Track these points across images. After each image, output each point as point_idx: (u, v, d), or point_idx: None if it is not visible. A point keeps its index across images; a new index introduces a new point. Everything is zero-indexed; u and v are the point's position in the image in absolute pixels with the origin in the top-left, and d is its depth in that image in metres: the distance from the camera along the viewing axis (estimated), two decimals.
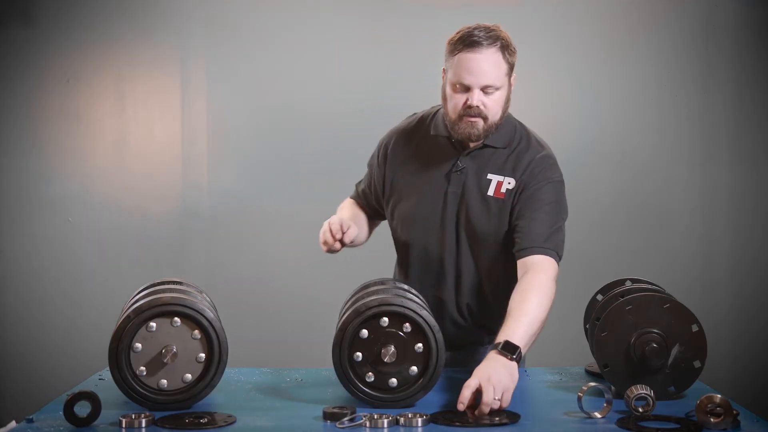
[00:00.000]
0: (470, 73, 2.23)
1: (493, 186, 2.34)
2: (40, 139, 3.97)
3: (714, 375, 2.82)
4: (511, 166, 2.35)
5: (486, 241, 2.36)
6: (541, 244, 2.25)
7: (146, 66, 3.97)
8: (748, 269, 3.99)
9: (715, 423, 1.79)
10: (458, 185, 2.36)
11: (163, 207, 3.99)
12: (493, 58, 2.23)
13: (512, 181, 2.34)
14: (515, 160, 2.36)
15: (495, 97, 2.26)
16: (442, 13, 3.85)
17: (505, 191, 2.34)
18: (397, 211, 2.46)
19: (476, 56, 2.22)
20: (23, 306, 3.99)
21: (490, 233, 2.35)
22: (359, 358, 1.97)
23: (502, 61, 2.25)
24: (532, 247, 2.24)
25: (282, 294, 3.98)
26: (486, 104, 2.25)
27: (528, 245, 2.25)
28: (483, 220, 2.35)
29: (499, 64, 2.24)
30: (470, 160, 2.37)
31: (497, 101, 2.27)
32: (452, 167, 2.38)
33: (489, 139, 2.35)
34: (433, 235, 2.39)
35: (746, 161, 3.97)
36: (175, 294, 1.98)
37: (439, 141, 2.41)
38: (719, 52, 3.95)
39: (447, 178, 2.38)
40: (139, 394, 1.94)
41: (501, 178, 2.35)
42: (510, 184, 2.34)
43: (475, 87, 2.23)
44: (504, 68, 2.25)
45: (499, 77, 2.24)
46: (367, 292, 2.08)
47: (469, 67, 2.23)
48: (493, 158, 2.36)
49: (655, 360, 2.00)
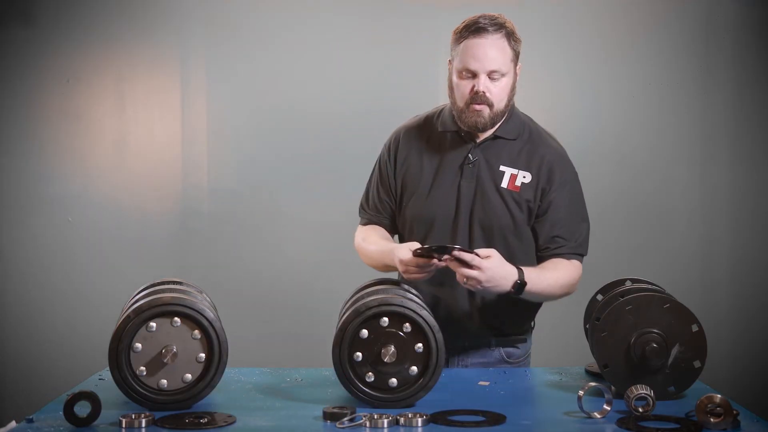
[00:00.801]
0: (476, 58, 2.27)
1: (506, 178, 2.36)
2: (40, 139, 3.97)
3: (714, 375, 2.81)
4: (525, 159, 2.38)
5: (501, 235, 2.37)
6: (574, 251, 2.40)
7: (146, 66, 3.97)
8: (748, 269, 3.99)
9: (715, 423, 1.79)
10: (471, 178, 2.37)
11: (163, 207, 3.99)
12: (498, 44, 2.27)
13: (528, 176, 2.37)
14: (529, 154, 2.38)
15: (501, 84, 2.29)
16: (442, 13, 3.85)
17: (521, 185, 2.36)
18: (409, 209, 2.45)
19: (482, 41, 2.26)
20: (23, 306, 3.99)
21: (505, 226, 2.37)
22: (359, 358, 1.97)
23: (508, 48, 2.29)
24: (565, 253, 2.39)
25: (282, 294, 3.98)
26: (492, 91, 2.29)
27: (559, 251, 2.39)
28: (499, 213, 2.36)
29: (505, 49, 2.28)
30: (482, 152, 2.38)
31: (503, 88, 2.30)
32: (464, 160, 2.39)
33: (499, 130, 2.38)
34: (446, 230, 2.39)
35: (746, 161, 3.97)
36: (175, 294, 1.98)
37: (448, 136, 2.42)
38: (719, 52, 3.95)
39: (460, 171, 2.39)
40: (139, 394, 1.94)
41: (515, 171, 2.37)
42: (526, 179, 2.37)
43: (482, 72, 2.27)
44: (509, 54, 2.29)
45: (505, 63, 2.28)
46: (367, 292, 2.08)
47: (475, 53, 2.27)
48: (505, 150, 2.38)
49: (655, 360, 2.00)
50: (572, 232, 2.40)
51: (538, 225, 2.39)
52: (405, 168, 2.45)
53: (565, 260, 2.39)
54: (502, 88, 2.31)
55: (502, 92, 2.31)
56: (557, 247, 2.39)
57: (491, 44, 2.27)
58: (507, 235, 2.37)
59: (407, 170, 2.45)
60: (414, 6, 3.92)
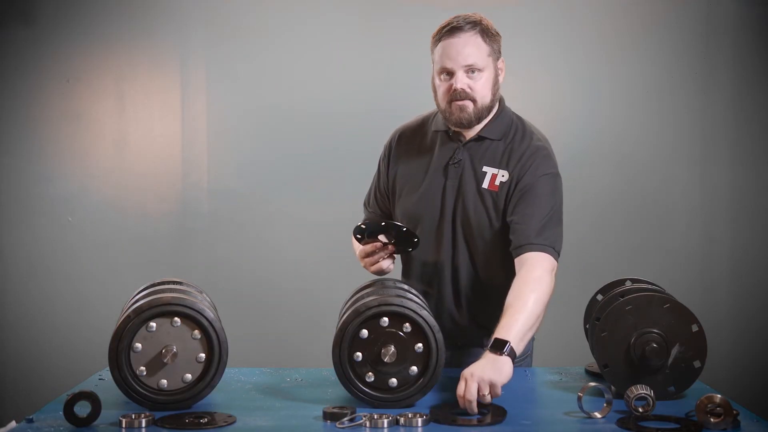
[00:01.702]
0: (450, 57, 2.31)
1: (488, 179, 2.37)
2: (40, 139, 3.97)
3: (714, 375, 2.82)
4: (506, 158, 2.37)
5: (481, 235, 2.37)
6: (533, 241, 2.25)
7: (146, 66, 3.97)
8: (748, 269, 3.99)
9: (715, 423, 1.79)
10: (455, 178, 2.39)
11: (163, 207, 3.99)
12: (472, 41, 2.31)
13: (506, 174, 2.36)
14: (509, 153, 2.38)
15: (481, 79, 2.32)
16: (442, 13, 3.79)
17: (499, 184, 2.36)
18: (399, 208, 2.48)
19: (456, 40, 2.31)
20: (23, 306, 3.98)
21: (484, 226, 2.36)
22: (359, 358, 1.97)
23: (483, 43, 2.32)
24: (526, 244, 2.25)
25: (282, 294, 3.98)
26: (472, 87, 2.31)
27: (522, 243, 2.26)
28: (478, 213, 2.36)
29: (479, 45, 2.31)
30: (467, 152, 2.40)
31: (484, 84, 2.33)
32: (449, 160, 2.40)
33: (484, 130, 2.39)
34: (431, 230, 2.40)
35: (746, 161, 3.97)
36: (175, 294, 1.98)
37: (439, 136, 2.45)
38: (719, 52, 3.95)
39: (445, 172, 2.41)
40: (139, 394, 1.94)
41: (495, 171, 2.37)
42: (504, 177, 2.36)
43: (458, 70, 2.30)
44: (485, 50, 2.32)
45: (481, 58, 2.31)
46: (367, 292, 2.08)
47: (449, 52, 2.31)
48: (489, 150, 2.39)
49: (655, 360, 2.00)
50: (542, 225, 2.28)
51: (509, 217, 2.32)
52: (398, 167, 2.49)
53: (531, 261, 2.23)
54: (483, 84, 2.33)
55: (483, 88, 2.33)
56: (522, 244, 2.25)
57: (464, 42, 2.30)
58: (487, 237, 2.36)
59: (400, 169, 2.48)
60: (414, 6, 3.92)
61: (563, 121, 3.81)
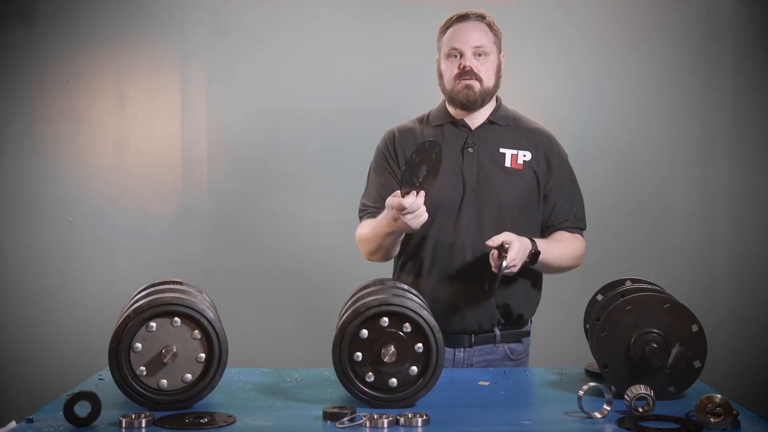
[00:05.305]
0: (460, 39, 2.47)
1: (509, 158, 2.50)
2: (40, 139, 3.97)
3: (714, 375, 2.82)
4: (522, 140, 2.52)
5: (508, 212, 2.46)
6: (575, 224, 2.58)
7: (146, 66, 3.97)
8: (748, 269, 3.99)
9: (715, 423, 1.79)
10: (472, 162, 2.48)
11: (163, 207, 3.99)
12: (480, 26, 2.49)
13: (528, 154, 2.51)
14: (523, 136, 2.53)
15: (487, 63, 2.48)
16: (442, 13, 3.80)
17: (523, 163, 2.49)
18: None
19: (466, 25, 2.48)
20: (23, 306, 3.98)
21: (511, 203, 2.47)
22: (359, 358, 1.97)
23: (489, 32, 2.50)
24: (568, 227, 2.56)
25: (282, 294, 3.98)
26: (479, 68, 2.46)
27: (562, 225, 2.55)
28: (505, 191, 2.46)
29: (487, 32, 2.49)
30: (479, 137, 2.51)
31: (489, 67, 2.48)
32: (463, 145, 2.49)
33: (492, 116, 2.53)
34: (451, 213, 2.46)
35: (746, 161, 3.97)
36: (175, 294, 1.98)
37: (444, 128, 2.54)
38: (719, 52, 3.95)
39: (461, 156, 2.49)
40: (139, 394, 1.94)
41: (515, 152, 2.51)
42: (526, 157, 2.50)
43: (467, 50, 2.45)
44: (491, 37, 2.50)
45: (489, 43, 2.48)
46: (367, 292, 2.08)
47: (459, 34, 2.47)
48: (500, 134, 2.52)
49: (655, 360, 2.00)
50: (572, 208, 2.57)
51: (548, 199, 2.53)
52: None
53: (569, 233, 2.56)
54: (489, 67, 2.48)
55: (489, 71, 2.48)
56: (562, 221, 2.55)
57: (473, 26, 2.48)
58: (514, 212, 2.47)
59: None
60: (414, 6, 3.92)
61: (563, 121, 3.80)
